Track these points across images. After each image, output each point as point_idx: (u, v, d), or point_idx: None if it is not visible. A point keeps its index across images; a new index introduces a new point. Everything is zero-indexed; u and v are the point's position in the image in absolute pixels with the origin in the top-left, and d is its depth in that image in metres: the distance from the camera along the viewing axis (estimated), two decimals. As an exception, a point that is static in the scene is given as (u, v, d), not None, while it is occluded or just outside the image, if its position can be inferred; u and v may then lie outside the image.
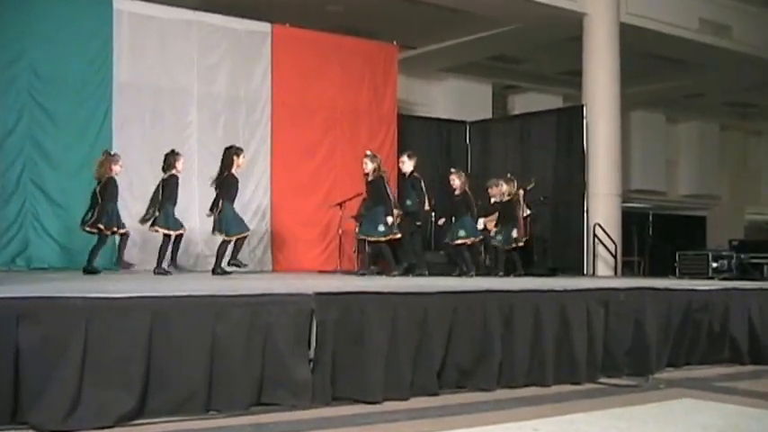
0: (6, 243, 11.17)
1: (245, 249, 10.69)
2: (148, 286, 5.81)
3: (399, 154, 14.65)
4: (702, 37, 17.16)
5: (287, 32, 13.68)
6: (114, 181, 9.94)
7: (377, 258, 11.97)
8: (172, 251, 10.10)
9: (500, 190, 12.32)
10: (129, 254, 11.71)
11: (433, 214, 12.91)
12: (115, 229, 9.93)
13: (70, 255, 11.36)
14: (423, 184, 11.48)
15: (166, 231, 10.00)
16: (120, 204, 11.58)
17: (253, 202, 12.88)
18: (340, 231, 12.89)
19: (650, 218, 23.82)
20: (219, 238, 10.09)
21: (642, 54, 17.64)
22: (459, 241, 11.46)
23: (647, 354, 7.03)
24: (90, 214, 9.82)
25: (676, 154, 24.85)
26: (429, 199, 11.72)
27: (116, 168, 10.00)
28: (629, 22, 15.74)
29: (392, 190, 11.34)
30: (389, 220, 10.61)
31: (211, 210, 10.09)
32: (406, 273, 10.91)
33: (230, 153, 10.15)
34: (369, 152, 11.12)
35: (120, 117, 12.02)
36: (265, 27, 13.48)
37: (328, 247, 13.64)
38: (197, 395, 4.88)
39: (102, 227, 9.78)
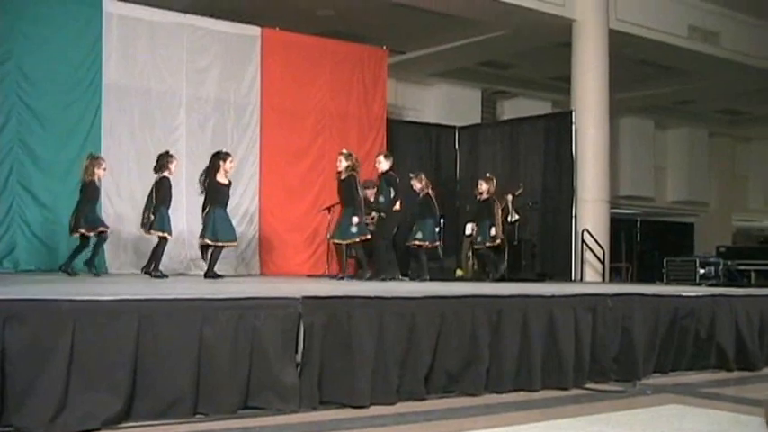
0: (-6, 245, 11.12)
1: (231, 254, 10.71)
2: (136, 289, 5.80)
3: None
4: (691, 44, 17.24)
5: (277, 36, 13.68)
6: (94, 183, 10.00)
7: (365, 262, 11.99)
8: (158, 256, 10.13)
9: (479, 189, 12.27)
10: (119, 258, 11.75)
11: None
12: (98, 230, 9.94)
13: (58, 257, 11.32)
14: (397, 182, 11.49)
15: (161, 234, 10.01)
16: (106, 206, 11.68)
17: (241, 206, 12.86)
18: (328, 236, 12.87)
19: (638, 224, 23.89)
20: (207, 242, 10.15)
21: (631, 60, 17.72)
22: (417, 243, 11.44)
23: (634, 359, 7.05)
24: (73, 219, 9.89)
25: (665, 160, 24.93)
26: (400, 201, 11.66)
27: (99, 172, 10.03)
28: (618, 28, 15.80)
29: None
30: (356, 220, 10.61)
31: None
32: (376, 277, 10.88)
33: (216, 159, 10.21)
34: (344, 151, 11.10)
35: (109, 119, 12.00)
36: (255, 31, 13.47)
37: (316, 252, 13.66)
38: (184, 398, 4.87)
39: (83, 231, 9.83)
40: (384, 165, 11.39)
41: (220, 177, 10.23)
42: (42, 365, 4.45)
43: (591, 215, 15.00)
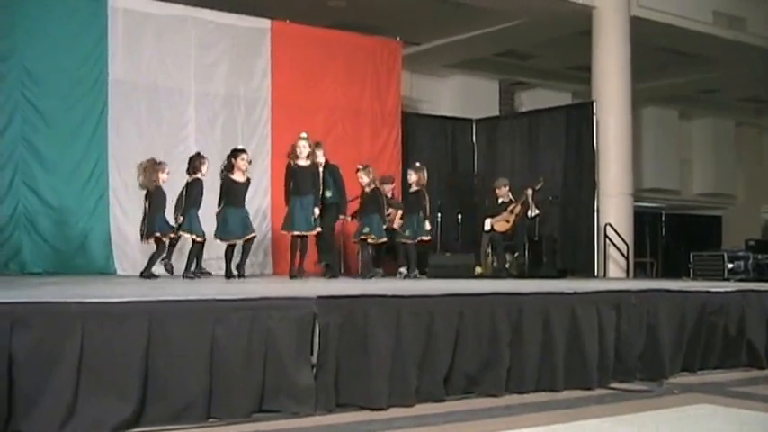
0: (-1, 247, 11.18)
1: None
2: (145, 290, 5.83)
3: (404, 153, 14.75)
4: (716, 30, 17.14)
5: (287, 29, 13.69)
6: (162, 190, 10.12)
7: (378, 260, 12.03)
8: (198, 258, 10.35)
9: (409, 180, 12.04)
10: (127, 259, 11.80)
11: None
12: (172, 235, 10.13)
13: (65, 259, 11.39)
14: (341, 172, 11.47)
15: (191, 236, 10.16)
16: (114, 205, 11.73)
17: (252, 204, 12.84)
18: (341, 234, 12.89)
19: (663, 218, 23.82)
20: (222, 243, 10.33)
21: (654, 48, 17.63)
22: (363, 237, 11.38)
23: (660, 358, 7.04)
24: (143, 226, 10.06)
25: (690, 151, 24.81)
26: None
27: (163, 177, 10.14)
28: (640, 15, 15.73)
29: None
30: (316, 211, 10.60)
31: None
32: (325, 274, 10.88)
33: (228, 157, 10.31)
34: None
35: (116, 117, 12.03)
36: (265, 23, 13.48)
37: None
38: (196, 403, 4.89)
39: (158, 235, 10.00)
40: (320, 157, 11.25)
41: (235, 175, 10.26)
42: (50, 370, 4.47)
43: (614, 209, 14.96)
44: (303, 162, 10.55)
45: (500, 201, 13.35)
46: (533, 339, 6.36)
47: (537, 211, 13.26)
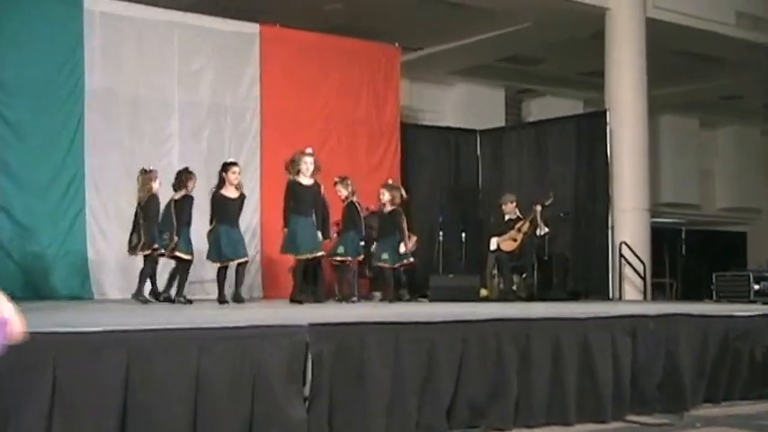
0: (-37, 270, 11.14)
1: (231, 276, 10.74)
2: (123, 318, 5.82)
3: (403, 167, 14.76)
4: (739, 32, 17.16)
5: (277, 33, 13.73)
6: (157, 198, 10.25)
7: (377, 284, 12.03)
8: (183, 281, 10.43)
9: (382, 200, 12.00)
10: (106, 282, 11.79)
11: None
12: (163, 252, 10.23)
13: (37, 283, 11.36)
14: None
15: (185, 257, 10.28)
16: (91, 225, 11.73)
17: (242, 222, 12.81)
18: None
19: (683, 234, 23.76)
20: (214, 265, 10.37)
21: (672, 52, 17.67)
22: (340, 258, 11.38)
23: (680, 388, 7.03)
24: (135, 237, 10.06)
25: (711, 162, 24.81)
26: None
27: (155, 185, 10.23)
28: (656, 16, 15.76)
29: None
30: (402, 248, 11.24)
31: None
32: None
33: (220, 171, 10.34)
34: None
35: (93, 129, 12.04)
36: (253, 28, 13.53)
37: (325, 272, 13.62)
38: (179, 439, 4.88)
39: (156, 248, 10.10)
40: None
41: (226, 191, 10.27)
42: (19, 408, 4.44)
43: (629, 226, 14.95)
44: (306, 180, 10.48)
45: (507, 218, 13.35)
46: (543, 368, 6.36)
47: (546, 229, 13.27)
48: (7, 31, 11.51)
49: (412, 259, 11.91)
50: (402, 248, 11.67)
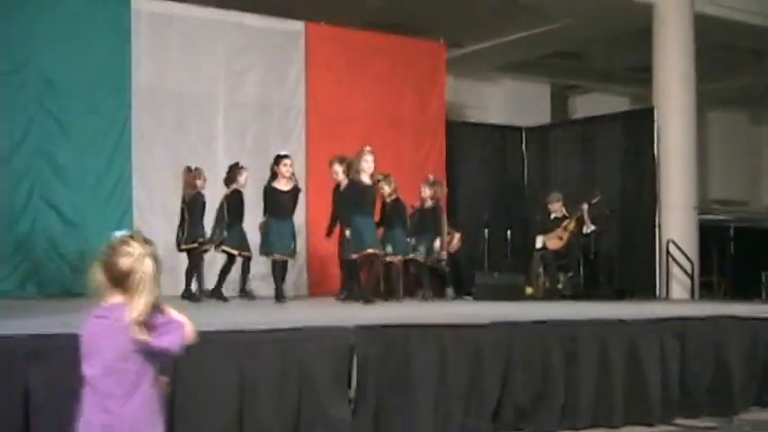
0: (15, 267, 11.23)
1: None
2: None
3: (448, 165, 14.71)
4: (789, 26, 16.94)
5: (322, 31, 13.73)
6: (202, 196, 10.35)
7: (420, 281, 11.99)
8: (242, 277, 10.60)
9: (422, 194, 11.98)
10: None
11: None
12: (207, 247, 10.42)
13: (86, 280, 11.42)
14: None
15: (233, 252, 10.39)
16: (138, 220, 11.82)
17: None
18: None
19: (731, 232, 23.48)
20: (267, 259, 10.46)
21: (720, 46, 17.45)
22: (388, 258, 11.27)
23: (730, 392, 6.97)
24: (180, 233, 10.18)
25: (761, 159, 24.54)
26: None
27: (199, 183, 10.35)
28: (705, 11, 15.55)
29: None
30: (437, 244, 11.26)
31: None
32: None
33: (272, 165, 10.41)
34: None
35: (140, 127, 12.10)
36: (298, 26, 13.53)
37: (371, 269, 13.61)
38: (225, 442, 4.90)
39: (197, 245, 10.25)
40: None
41: (278, 183, 10.30)
42: (69, 407, 4.47)
43: (677, 224, 14.80)
44: (367, 179, 10.37)
45: (553, 216, 13.26)
46: (589, 371, 6.32)
47: (593, 227, 13.16)
48: (55, 30, 11.58)
49: (445, 256, 11.85)
50: (437, 244, 11.67)
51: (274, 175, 10.31)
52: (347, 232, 10.31)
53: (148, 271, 3.30)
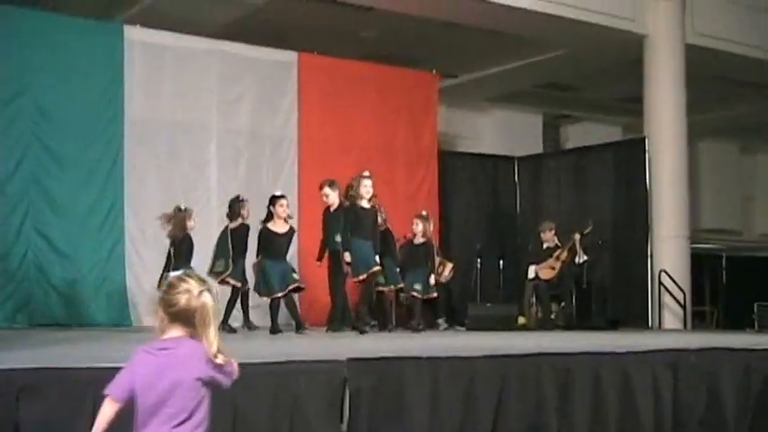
0: (6, 298, 11.19)
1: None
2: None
3: (441, 194, 14.73)
4: (779, 57, 17.01)
5: (315, 61, 13.77)
6: (190, 238, 10.32)
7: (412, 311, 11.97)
8: (243, 309, 10.76)
9: (414, 230, 12.02)
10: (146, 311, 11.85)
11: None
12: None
13: (77, 310, 11.42)
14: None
15: (238, 285, 10.44)
16: (130, 252, 11.80)
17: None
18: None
19: (724, 262, 23.54)
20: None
21: (711, 77, 17.52)
22: (380, 288, 11.29)
23: (723, 425, 6.92)
24: (166, 275, 10.15)
25: (753, 188, 24.55)
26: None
27: (190, 224, 10.33)
28: (695, 42, 15.62)
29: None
30: (432, 280, 11.46)
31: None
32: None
33: (268, 205, 10.40)
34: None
35: (133, 157, 12.13)
36: (291, 56, 13.58)
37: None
38: (216, 476, 4.86)
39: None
40: (333, 197, 10.92)
41: (274, 225, 10.29)
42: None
43: (669, 253, 14.81)
44: (366, 204, 10.47)
45: (545, 246, 13.27)
46: (583, 404, 6.29)
47: (585, 257, 13.19)
48: (50, 61, 11.62)
49: (435, 294, 11.91)
50: (432, 280, 11.73)
51: (269, 216, 10.27)
52: (346, 256, 10.31)
53: (210, 304, 3.42)
